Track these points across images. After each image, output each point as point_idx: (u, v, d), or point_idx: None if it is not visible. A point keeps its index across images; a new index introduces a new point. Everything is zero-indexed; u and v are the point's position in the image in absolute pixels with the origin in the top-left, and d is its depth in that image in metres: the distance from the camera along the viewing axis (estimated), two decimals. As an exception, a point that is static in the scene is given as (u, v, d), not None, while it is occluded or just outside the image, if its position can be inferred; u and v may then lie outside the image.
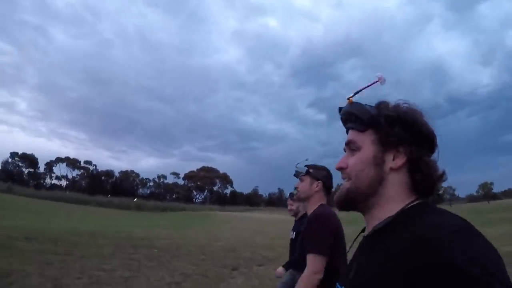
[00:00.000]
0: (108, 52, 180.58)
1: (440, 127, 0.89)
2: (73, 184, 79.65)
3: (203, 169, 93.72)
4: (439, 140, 0.88)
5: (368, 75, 0.97)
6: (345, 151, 0.97)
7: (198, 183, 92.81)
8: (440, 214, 0.75)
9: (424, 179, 0.85)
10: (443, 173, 0.87)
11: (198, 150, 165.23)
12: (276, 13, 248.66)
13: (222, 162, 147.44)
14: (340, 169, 0.95)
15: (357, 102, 0.94)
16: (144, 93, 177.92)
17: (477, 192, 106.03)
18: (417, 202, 0.84)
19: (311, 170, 2.39)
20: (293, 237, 3.83)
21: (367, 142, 0.90)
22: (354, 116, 0.93)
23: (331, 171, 2.42)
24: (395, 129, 0.87)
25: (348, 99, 0.95)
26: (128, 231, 17.25)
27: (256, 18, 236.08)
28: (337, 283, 0.96)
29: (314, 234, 2.14)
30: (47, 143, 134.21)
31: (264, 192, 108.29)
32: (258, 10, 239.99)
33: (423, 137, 0.86)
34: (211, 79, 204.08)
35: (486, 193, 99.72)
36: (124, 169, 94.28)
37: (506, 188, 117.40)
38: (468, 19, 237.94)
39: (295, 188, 2.49)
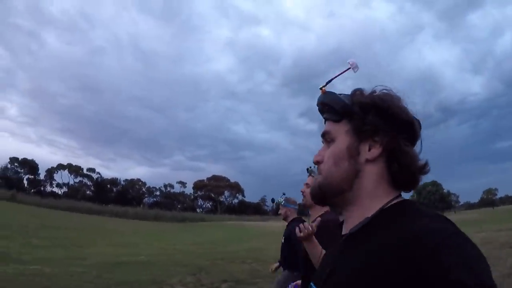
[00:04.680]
0: (100, 59, 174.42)
1: (432, 136, 0.85)
2: (76, 192, 74.98)
3: (213, 178, 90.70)
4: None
5: (359, 85, 0.88)
6: (323, 143, 0.90)
7: (208, 192, 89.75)
8: (426, 215, 0.70)
9: (402, 170, 0.78)
10: (425, 164, 0.81)
11: (188, 159, 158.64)
12: (269, 23, 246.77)
13: (213, 171, 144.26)
14: (317, 163, 0.88)
15: (330, 92, 0.88)
16: (135, 101, 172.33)
17: (481, 197, 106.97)
18: (397, 200, 0.78)
19: None
20: (283, 241, 3.83)
21: (341, 132, 0.84)
22: (328, 106, 0.87)
23: None
24: (369, 117, 0.80)
25: (321, 88, 0.89)
26: (237, 249, 14.66)
27: (249, 28, 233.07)
28: (311, 283, 0.90)
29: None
30: (36, 150, 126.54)
31: (270, 201, 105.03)
32: (252, 19, 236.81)
33: (401, 124, 0.79)
34: (202, 88, 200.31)
35: (490, 199, 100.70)
36: (129, 178, 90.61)
37: (502, 195, 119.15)
38: (459, 28, 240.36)
39: (302, 193, 2.47)
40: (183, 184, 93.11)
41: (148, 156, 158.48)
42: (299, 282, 2.44)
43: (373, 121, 0.79)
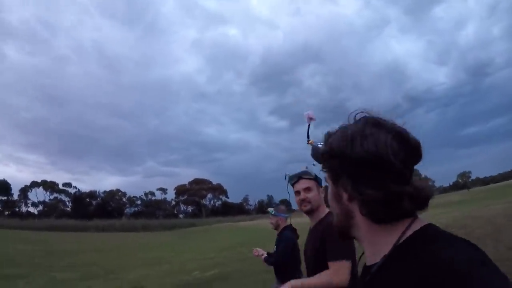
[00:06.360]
0: (64, 68, 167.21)
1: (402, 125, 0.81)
2: (53, 209, 71.38)
3: (195, 181, 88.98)
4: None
5: (327, 80, 0.70)
6: None
7: (191, 197, 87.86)
8: (449, 244, 0.67)
9: (372, 212, 0.76)
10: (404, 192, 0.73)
11: (161, 165, 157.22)
12: (235, 22, 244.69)
13: (188, 175, 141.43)
14: None
15: (312, 145, 1.00)
16: (102, 110, 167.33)
17: (456, 181, 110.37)
18: (417, 228, 0.74)
19: (318, 177, 2.34)
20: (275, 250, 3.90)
21: (327, 179, 0.89)
22: (314, 159, 0.99)
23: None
24: (329, 165, 0.85)
25: (308, 143, 1.00)
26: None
27: (216, 27, 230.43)
28: None
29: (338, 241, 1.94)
30: (2, 169, 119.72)
31: (252, 200, 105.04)
32: (218, 19, 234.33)
33: (361, 165, 0.74)
34: (171, 91, 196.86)
35: (464, 182, 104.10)
36: (107, 189, 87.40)
37: (474, 178, 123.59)
38: (424, 21, 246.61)
39: (305, 201, 2.31)
40: (163, 190, 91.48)
41: (119, 165, 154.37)
42: None
43: (332, 168, 0.83)
